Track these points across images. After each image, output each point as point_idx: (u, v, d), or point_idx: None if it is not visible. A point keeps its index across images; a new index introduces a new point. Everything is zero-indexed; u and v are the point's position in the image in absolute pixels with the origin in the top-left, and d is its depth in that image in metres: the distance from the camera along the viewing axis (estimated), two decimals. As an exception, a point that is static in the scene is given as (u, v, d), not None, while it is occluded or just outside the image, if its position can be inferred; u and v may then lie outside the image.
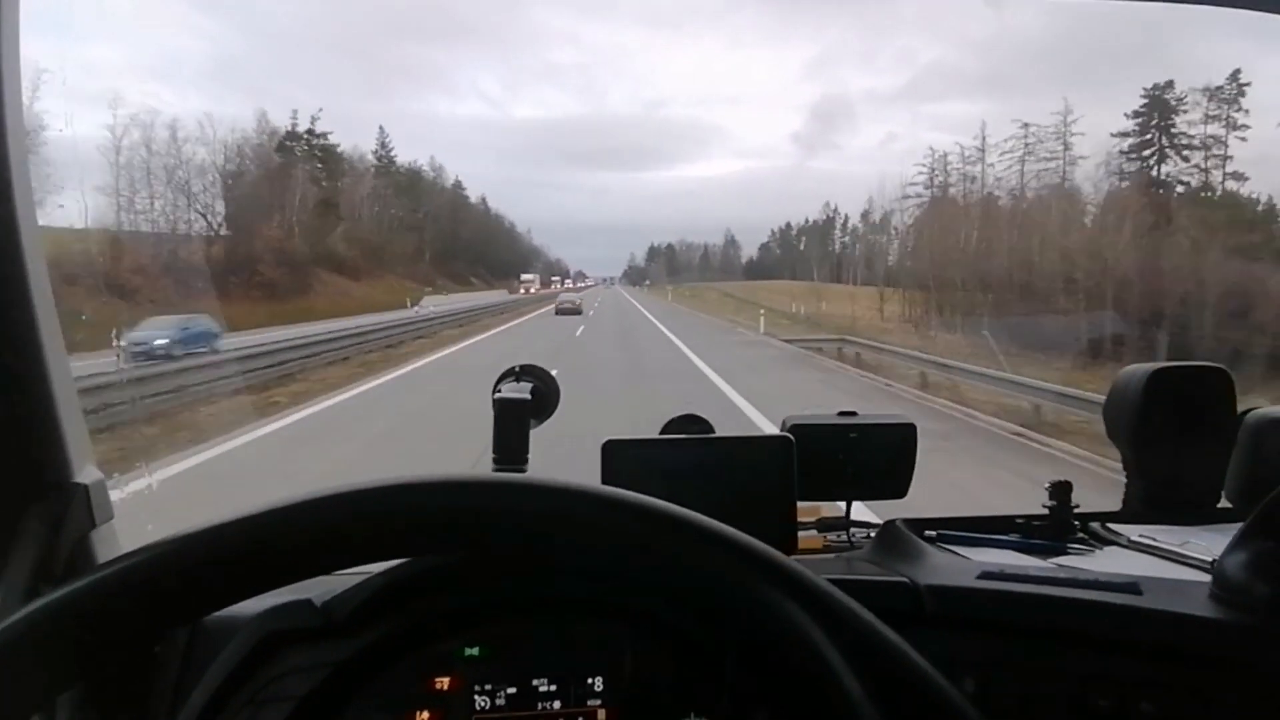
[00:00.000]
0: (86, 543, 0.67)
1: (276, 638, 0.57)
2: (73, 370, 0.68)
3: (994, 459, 6.89)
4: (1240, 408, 0.96)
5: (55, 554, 0.63)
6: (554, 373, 0.89)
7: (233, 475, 5.83)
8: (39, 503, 0.63)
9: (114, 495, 0.71)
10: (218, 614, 0.61)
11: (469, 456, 4.78)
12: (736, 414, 8.17)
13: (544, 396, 0.85)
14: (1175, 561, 0.81)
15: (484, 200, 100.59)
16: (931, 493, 1.06)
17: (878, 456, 0.98)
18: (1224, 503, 0.96)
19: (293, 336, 13.91)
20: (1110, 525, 0.93)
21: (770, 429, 0.99)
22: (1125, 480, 1.02)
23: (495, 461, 0.79)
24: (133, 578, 0.35)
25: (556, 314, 31.24)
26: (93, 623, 0.35)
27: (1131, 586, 0.68)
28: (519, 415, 0.80)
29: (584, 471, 0.67)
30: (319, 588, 0.58)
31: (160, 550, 0.36)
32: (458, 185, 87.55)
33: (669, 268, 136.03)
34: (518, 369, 0.88)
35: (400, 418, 8.62)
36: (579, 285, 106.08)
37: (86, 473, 0.68)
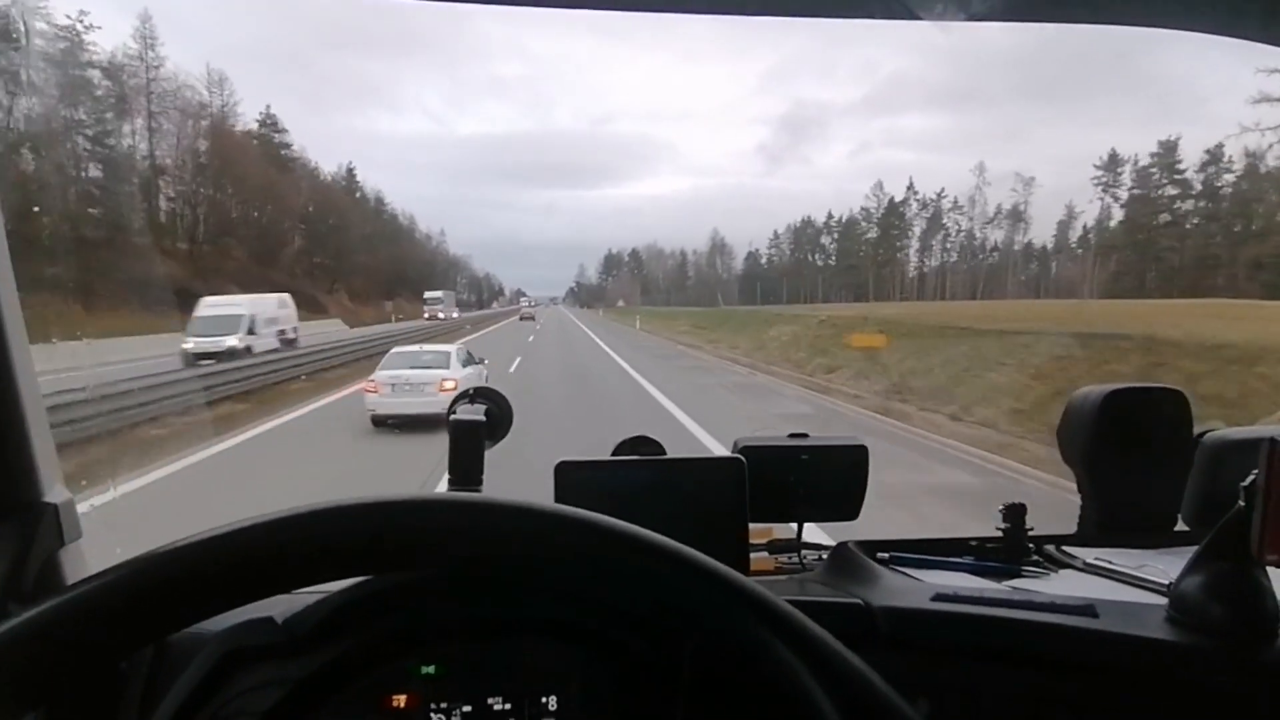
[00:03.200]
0: (55, 561, 0.68)
1: (239, 654, 0.58)
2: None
3: None
4: (1196, 429, 0.95)
5: (24, 572, 0.63)
6: None
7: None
8: (8, 521, 0.64)
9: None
10: (182, 631, 0.63)
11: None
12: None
13: (498, 418, 0.86)
14: (1131, 585, 0.81)
15: (349, 172, 63.68)
16: None
17: (829, 478, 0.97)
18: (1181, 525, 0.95)
19: None
20: (1065, 548, 0.93)
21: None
22: (1080, 503, 1.01)
23: (451, 482, 0.80)
24: (100, 598, 0.35)
25: (520, 320, 43.85)
26: (60, 644, 0.35)
27: (1087, 609, 0.68)
28: (474, 437, 0.81)
29: (538, 491, 0.65)
30: (279, 606, 0.59)
31: (127, 570, 0.36)
32: (268, 123, 51.25)
33: (642, 283, 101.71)
34: (471, 392, 0.88)
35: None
36: (520, 305, 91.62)
37: (55, 492, 0.69)
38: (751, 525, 0.91)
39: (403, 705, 0.62)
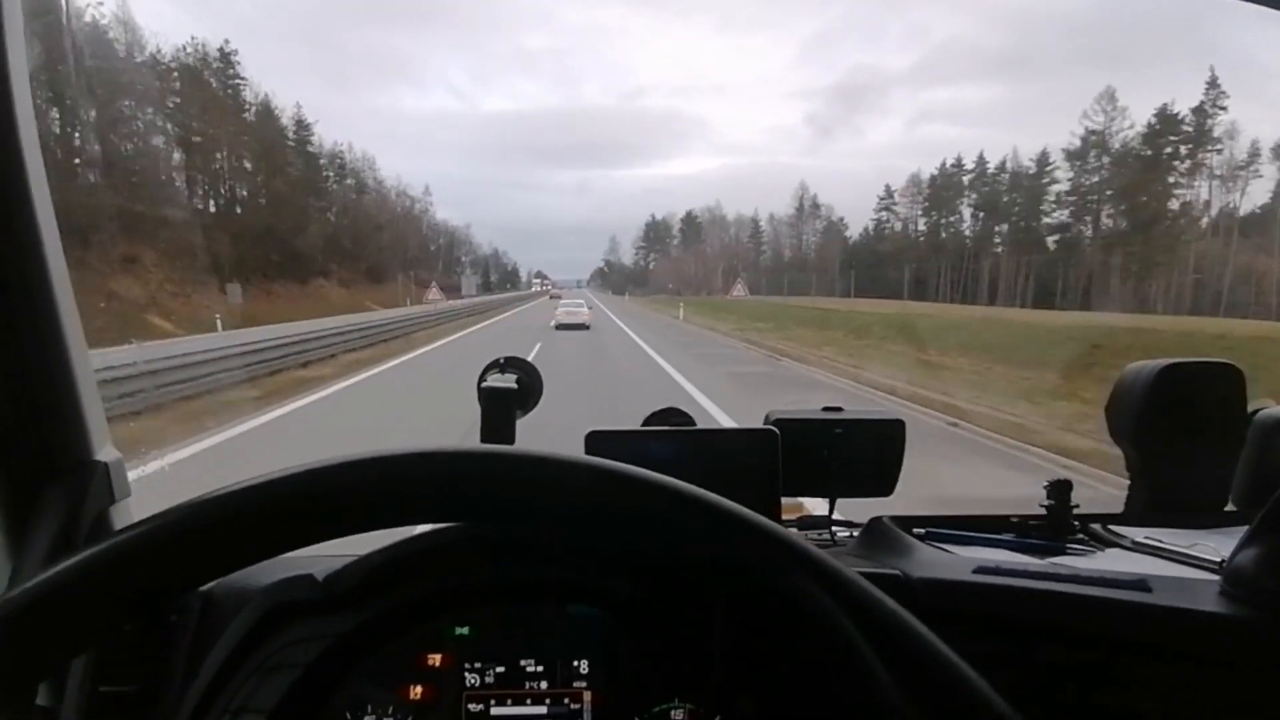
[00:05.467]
0: (105, 517, 0.71)
1: (282, 610, 0.60)
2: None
3: None
4: (1250, 407, 0.91)
5: (76, 526, 0.66)
6: None
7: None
8: (61, 478, 0.67)
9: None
10: (228, 587, 0.66)
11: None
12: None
13: (528, 388, 0.85)
14: (1181, 563, 0.78)
15: (222, 55, 37.69)
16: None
17: (863, 453, 0.95)
18: (1231, 506, 0.91)
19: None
20: (1112, 527, 0.90)
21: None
22: (1129, 482, 0.98)
23: None
24: (151, 541, 0.35)
25: (549, 298, 38.15)
26: (109, 586, 0.35)
27: (1140, 584, 0.67)
28: (505, 404, 0.81)
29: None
30: (320, 564, 0.62)
31: (177, 515, 0.36)
32: None
33: (709, 264, 74.43)
34: (502, 360, 0.87)
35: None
36: (534, 290, 73.99)
37: (106, 451, 0.72)
38: (783, 500, 0.89)
39: (438, 664, 0.64)
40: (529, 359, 0.86)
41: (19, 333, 0.65)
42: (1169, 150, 43.71)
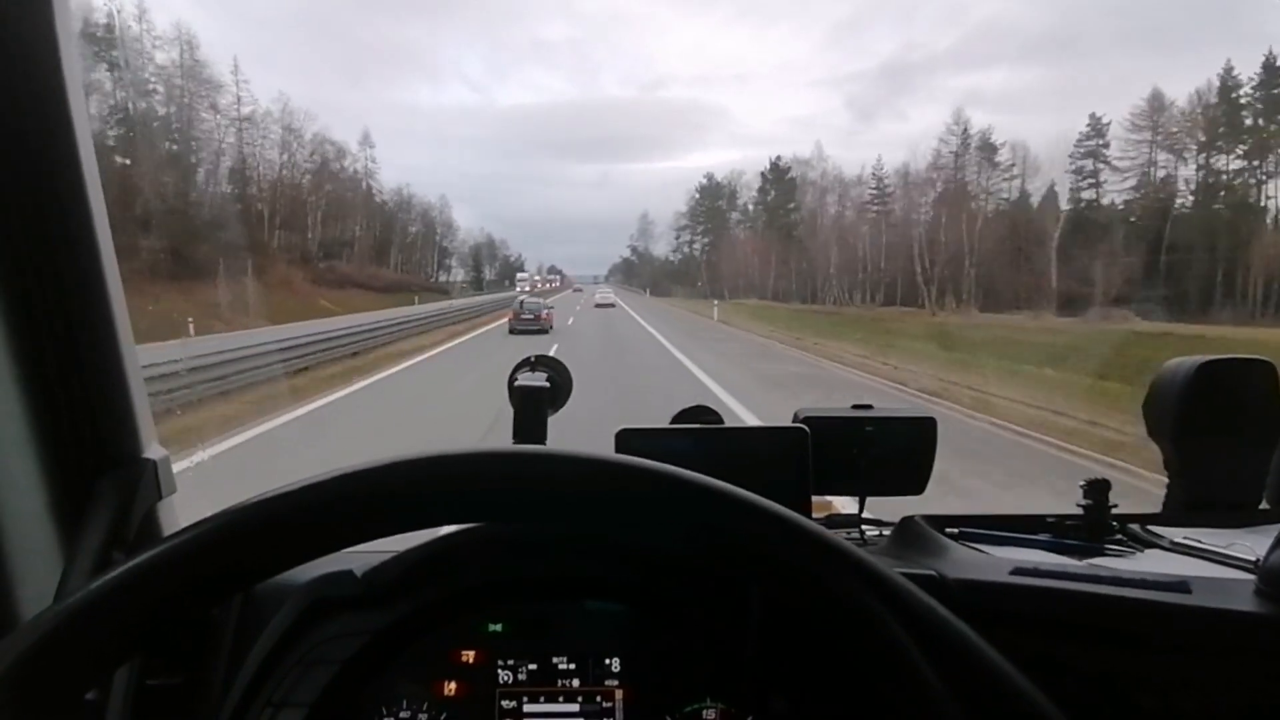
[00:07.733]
0: (153, 513, 0.72)
1: (322, 605, 0.61)
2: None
3: None
4: None
5: (127, 523, 0.68)
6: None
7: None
8: (113, 474, 0.68)
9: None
10: (268, 582, 0.66)
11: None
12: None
13: (559, 386, 0.86)
14: (1218, 563, 0.78)
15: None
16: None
17: (894, 451, 0.95)
18: (1265, 504, 0.90)
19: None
20: (1151, 527, 0.89)
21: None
22: (1167, 480, 0.97)
23: None
24: (201, 545, 0.36)
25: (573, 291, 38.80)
26: (159, 592, 0.35)
27: (1181, 586, 0.66)
28: (537, 403, 0.82)
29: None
30: (359, 560, 0.63)
31: (226, 519, 0.36)
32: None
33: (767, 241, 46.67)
34: (533, 359, 0.88)
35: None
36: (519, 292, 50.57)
37: (153, 449, 0.74)
38: (811, 499, 0.90)
39: (471, 661, 0.65)
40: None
41: (76, 330, 0.66)
42: None
